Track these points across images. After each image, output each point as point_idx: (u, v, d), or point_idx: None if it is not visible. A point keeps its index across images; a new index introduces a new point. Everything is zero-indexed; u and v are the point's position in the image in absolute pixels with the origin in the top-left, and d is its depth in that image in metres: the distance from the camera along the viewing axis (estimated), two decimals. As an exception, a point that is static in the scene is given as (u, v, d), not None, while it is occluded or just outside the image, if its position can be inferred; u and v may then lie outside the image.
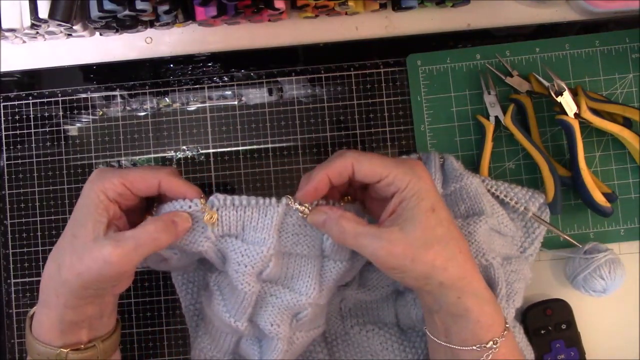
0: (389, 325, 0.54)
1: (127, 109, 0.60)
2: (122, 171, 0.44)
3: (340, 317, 0.54)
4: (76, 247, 0.42)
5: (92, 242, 0.41)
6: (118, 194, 0.43)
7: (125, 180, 0.43)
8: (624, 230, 0.58)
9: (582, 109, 0.55)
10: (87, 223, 0.42)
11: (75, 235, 0.42)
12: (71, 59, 0.60)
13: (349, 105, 0.59)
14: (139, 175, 0.44)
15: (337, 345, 0.54)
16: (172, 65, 0.60)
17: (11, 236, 0.59)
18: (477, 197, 0.52)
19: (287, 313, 0.48)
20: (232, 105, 0.60)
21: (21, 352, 0.58)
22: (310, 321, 0.49)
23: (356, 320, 0.54)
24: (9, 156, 0.59)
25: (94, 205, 0.43)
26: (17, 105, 0.60)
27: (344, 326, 0.54)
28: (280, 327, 0.47)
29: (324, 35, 0.60)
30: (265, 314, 0.48)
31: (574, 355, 0.55)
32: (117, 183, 0.43)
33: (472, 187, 0.52)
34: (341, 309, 0.54)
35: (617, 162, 0.58)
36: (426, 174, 0.43)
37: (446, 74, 0.59)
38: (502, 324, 0.43)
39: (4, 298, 0.58)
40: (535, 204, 0.54)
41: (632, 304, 0.57)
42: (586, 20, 0.59)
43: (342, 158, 0.43)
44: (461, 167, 0.54)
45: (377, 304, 0.55)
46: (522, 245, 0.55)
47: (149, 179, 0.44)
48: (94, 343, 0.45)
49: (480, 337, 0.42)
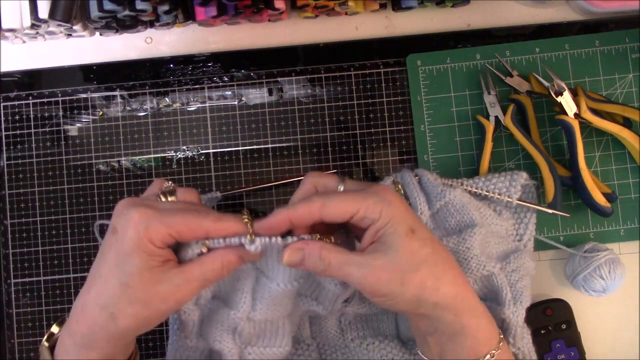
0: (389, 337, 0.54)
1: (127, 109, 0.60)
2: (165, 218, 0.41)
3: (340, 330, 0.54)
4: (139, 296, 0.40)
5: (157, 283, 0.40)
6: (164, 242, 0.41)
7: (171, 230, 0.40)
8: (624, 230, 0.58)
9: (582, 109, 0.55)
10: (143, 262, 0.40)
11: (127, 276, 0.40)
12: (71, 59, 0.60)
13: (349, 105, 0.59)
14: (186, 225, 0.41)
15: (336, 358, 0.54)
16: (172, 65, 0.60)
17: (11, 236, 0.58)
18: (465, 209, 0.52)
19: (226, 328, 0.47)
20: (232, 105, 0.60)
21: (21, 352, 0.58)
22: (259, 337, 0.48)
23: (356, 333, 0.54)
24: (9, 156, 0.59)
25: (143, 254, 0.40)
26: (17, 105, 0.60)
27: (344, 339, 0.54)
28: (223, 343, 0.47)
29: (324, 35, 0.60)
30: (209, 330, 0.47)
31: (574, 355, 0.55)
32: (164, 233, 0.40)
33: (456, 200, 0.52)
34: (341, 322, 0.54)
35: (617, 162, 0.58)
36: (396, 198, 0.42)
37: (446, 74, 0.59)
38: (497, 336, 0.43)
39: (4, 298, 0.58)
40: (516, 187, 0.54)
41: (632, 304, 0.57)
42: (586, 20, 0.59)
43: (309, 204, 0.41)
44: (438, 180, 0.53)
45: (377, 317, 0.55)
46: (517, 234, 0.55)
47: (195, 230, 0.41)
48: None
49: (478, 351, 0.42)
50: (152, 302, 0.40)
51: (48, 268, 0.58)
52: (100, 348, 0.41)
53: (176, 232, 0.40)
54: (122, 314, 0.40)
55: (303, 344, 0.54)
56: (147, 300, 0.40)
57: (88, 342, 0.41)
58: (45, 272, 0.58)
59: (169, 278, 0.40)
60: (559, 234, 0.58)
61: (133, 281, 0.40)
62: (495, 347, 0.43)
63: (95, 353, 0.42)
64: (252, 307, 0.47)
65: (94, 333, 0.41)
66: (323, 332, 0.55)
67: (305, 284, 0.48)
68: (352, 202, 0.41)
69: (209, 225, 0.41)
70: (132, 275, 0.40)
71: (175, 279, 0.40)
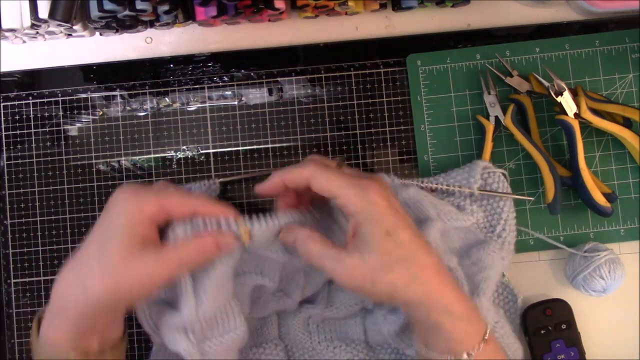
0: (356, 341, 0.54)
1: (127, 109, 0.60)
2: (158, 193, 0.43)
3: (307, 332, 0.55)
4: (110, 264, 0.41)
5: (130, 256, 0.41)
6: (153, 215, 0.43)
7: (163, 203, 0.43)
8: (624, 230, 0.58)
9: (582, 109, 0.55)
10: (121, 238, 0.41)
11: (107, 253, 0.41)
12: (71, 59, 0.60)
13: (349, 105, 0.59)
14: (176, 200, 0.43)
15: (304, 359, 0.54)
16: (172, 65, 0.60)
17: (11, 236, 0.59)
18: (417, 205, 0.52)
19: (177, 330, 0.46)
20: (232, 105, 0.60)
21: (21, 352, 0.58)
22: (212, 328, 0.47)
23: (324, 336, 0.55)
24: (9, 156, 0.59)
25: (130, 223, 0.42)
26: (17, 105, 0.60)
27: (311, 342, 0.55)
28: (177, 344, 0.46)
29: (324, 35, 0.60)
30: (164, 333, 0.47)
31: (574, 355, 0.55)
32: (152, 204, 0.42)
33: (409, 197, 0.52)
34: (309, 324, 0.55)
35: (617, 162, 0.58)
36: (380, 197, 0.43)
37: (446, 74, 0.59)
38: (480, 336, 0.43)
39: (4, 298, 0.58)
40: (475, 177, 0.54)
41: (632, 304, 0.57)
42: (586, 20, 0.59)
43: (302, 168, 0.44)
44: (395, 180, 0.53)
45: (344, 321, 0.55)
46: (490, 225, 0.55)
47: (186, 204, 0.44)
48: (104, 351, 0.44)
49: (454, 349, 0.43)
50: (122, 277, 0.41)
51: (48, 268, 0.58)
52: (72, 319, 0.42)
53: (166, 206, 0.43)
54: (92, 285, 0.41)
55: (271, 343, 0.54)
56: (117, 274, 0.41)
57: (62, 311, 0.42)
58: (45, 272, 0.58)
59: (143, 255, 0.41)
60: (559, 234, 0.58)
61: (110, 255, 0.41)
62: (475, 346, 0.43)
63: (68, 323, 0.42)
64: (199, 305, 0.46)
65: (66, 302, 0.42)
66: (291, 333, 0.55)
67: (248, 260, 0.49)
68: (336, 186, 0.43)
69: (198, 203, 0.44)
70: (111, 249, 0.41)
71: (149, 258, 0.41)
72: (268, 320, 0.55)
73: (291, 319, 0.55)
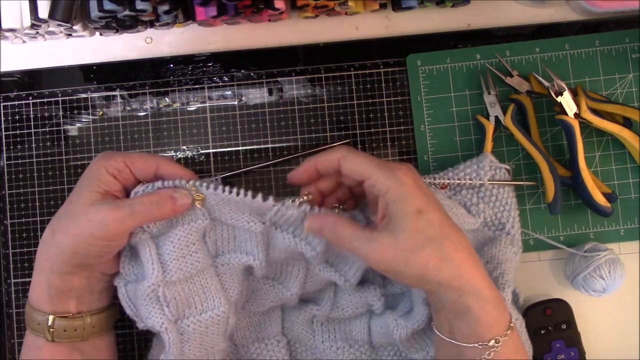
0: (360, 342, 0.54)
1: (127, 109, 0.60)
2: (125, 153, 0.50)
3: (311, 331, 0.55)
4: (72, 211, 0.45)
5: (89, 205, 0.45)
6: (118, 170, 0.47)
7: (126, 158, 0.47)
8: (624, 230, 0.58)
9: (582, 109, 0.55)
10: (85, 190, 0.46)
11: (72, 202, 0.46)
12: (71, 59, 0.60)
13: (349, 105, 0.59)
14: (140, 157, 0.48)
15: (305, 357, 0.55)
16: (172, 65, 0.60)
17: (11, 236, 0.59)
18: None
19: (149, 301, 0.47)
20: (232, 105, 0.60)
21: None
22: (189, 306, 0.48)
23: (327, 335, 0.55)
24: (9, 156, 0.59)
25: (94, 176, 0.46)
26: (17, 105, 0.60)
27: (314, 340, 0.55)
28: (151, 318, 0.46)
29: (324, 35, 0.60)
30: (139, 310, 0.48)
31: (574, 355, 0.55)
32: (118, 160, 0.47)
33: None
34: (313, 323, 0.55)
35: (617, 162, 0.58)
36: (408, 178, 0.43)
37: (446, 74, 0.59)
38: (506, 324, 0.43)
39: (4, 298, 0.58)
40: (485, 168, 0.54)
41: (632, 304, 0.57)
42: (586, 20, 0.59)
43: (332, 152, 0.46)
44: None
45: (349, 321, 0.55)
46: (500, 222, 0.55)
47: (148, 160, 0.48)
48: (82, 314, 0.47)
49: (482, 335, 0.42)
50: (79, 219, 0.44)
51: (48, 268, 0.58)
52: (43, 268, 0.46)
53: (129, 161, 0.47)
54: (59, 227, 0.45)
55: (273, 339, 0.55)
56: (77, 223, 0.44)
57: (40, 271, 0.46)
58: (45, 272, 0.58)
59: (100, 205, 0.45)
60: (559, 234, 0.58)
61: (76, 198, 0.46)
62: (502, 334, 0.43)
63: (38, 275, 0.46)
64: (164, 271, 0.47)
65: (39, 251, 0.46)
66: (295, 329, 0.55)
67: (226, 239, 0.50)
68: (366, 166, 0.44)
69: (161, 160, 0.48)
70: (77, 194, 0.46)
71: (103, 207, 0.45)
72: (271, 315, 0.55)
73: (295, 316, 0.55)
